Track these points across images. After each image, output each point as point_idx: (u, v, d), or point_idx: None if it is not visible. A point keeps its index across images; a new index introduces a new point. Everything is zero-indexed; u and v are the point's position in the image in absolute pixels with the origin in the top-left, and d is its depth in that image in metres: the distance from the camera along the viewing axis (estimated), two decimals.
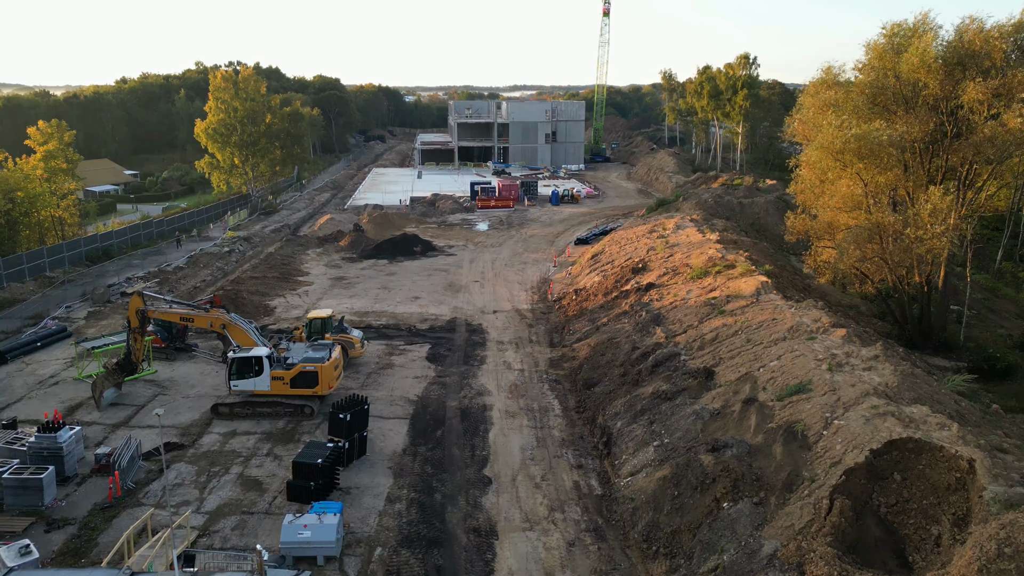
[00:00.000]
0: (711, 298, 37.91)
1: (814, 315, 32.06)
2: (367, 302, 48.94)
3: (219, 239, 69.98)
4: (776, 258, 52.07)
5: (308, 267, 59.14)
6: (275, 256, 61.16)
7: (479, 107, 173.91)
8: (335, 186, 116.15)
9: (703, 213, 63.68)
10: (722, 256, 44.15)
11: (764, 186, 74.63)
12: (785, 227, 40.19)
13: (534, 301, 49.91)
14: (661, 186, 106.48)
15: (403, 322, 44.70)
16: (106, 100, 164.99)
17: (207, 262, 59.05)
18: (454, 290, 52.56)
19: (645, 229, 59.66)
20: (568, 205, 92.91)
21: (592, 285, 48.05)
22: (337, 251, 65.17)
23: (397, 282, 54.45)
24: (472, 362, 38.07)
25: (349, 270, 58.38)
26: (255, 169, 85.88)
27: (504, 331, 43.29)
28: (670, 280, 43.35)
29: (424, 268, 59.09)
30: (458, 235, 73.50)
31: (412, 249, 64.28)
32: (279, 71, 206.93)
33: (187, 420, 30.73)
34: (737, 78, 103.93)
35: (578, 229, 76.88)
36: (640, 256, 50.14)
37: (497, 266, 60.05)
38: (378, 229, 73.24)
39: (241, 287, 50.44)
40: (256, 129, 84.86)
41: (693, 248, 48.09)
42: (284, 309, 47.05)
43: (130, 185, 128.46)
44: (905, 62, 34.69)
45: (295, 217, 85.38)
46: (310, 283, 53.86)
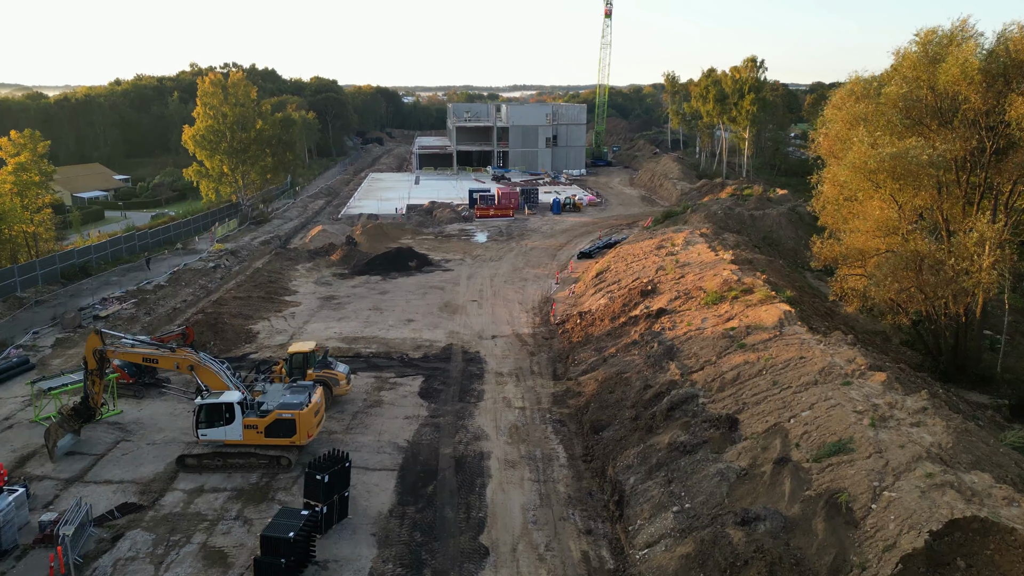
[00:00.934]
0: (729, 329, 34.78)
1: (847, 354, 28.92)
2: (357, 325, 45.80)
3: (205, 252, 66.82)
4: (793, 278, 48.94)
5: (296, 284, 55.98)
6: (262, 272, 58.00)
7: (478, 110, 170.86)
8: (330, 192, 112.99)
9: (713, 226, 60.55)
10: (738, 279, 41.02)
11: (775, 196, 71.50)
12: (811, 252, 36.98)
13: (535, 324, 46.78)
14: (665, 193, 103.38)
15: (395, 349, 41.55)
16: (98, 103, 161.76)
17: (190, 279, 55.88)
18: (450, 311, 49.42)
19: (652, 244, 56.54)
20: (570, 214, 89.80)
21: (598, 308, 44.90)
22: (328, 266, 62.00)
23: (390, 302, 51.31)
24: (469, 398, 34.93)
25: (340, 288, 55.22)
26: (245, 177, 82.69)
27: (503, 360, 40.15)
28: (682, 305, 40.20)
29: (419, 285, 55.95)
30: (456, 248, 70.35)
31: (407, 264, 61.14)
32: (275, 73, 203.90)
33: (150, 473, 27.57)
34: (744, 82, 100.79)
35: (581, 241, 73.77)
36: (649, 276, 47.01)
37: (496, 283, 56.92)
38: (372, 242, 70.09)
39: (223, 309, 47.27)
40: (246, 136, 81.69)
41: (706, 269, 44.95)
42: (268, 335, 43.87)
43: (120, 191, 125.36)
44: (943, 73, 31.58)
45: (287, 227, 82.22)
46: (297, 303, 50.70)
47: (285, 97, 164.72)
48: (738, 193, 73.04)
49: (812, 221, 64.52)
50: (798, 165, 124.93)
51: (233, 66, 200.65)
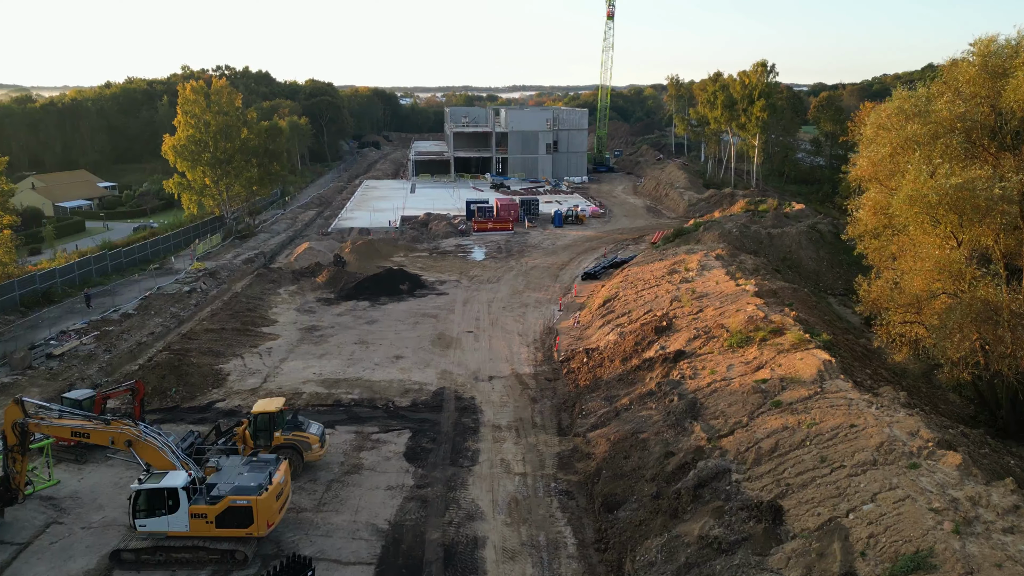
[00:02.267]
0: (760, 380, 30.32)
1: (908, 424, 24.44)
2: (339, 364, 41.31)
3: (183, 272, 62.34)
4: (823, 310, 44.48)
5: (277, 312, 51.48)
6: (241, 298, 53.51)
7: (476, 115, 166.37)
8: (322, 202, 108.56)
9: (728, 247, 56.11)
10: (764, 316, 36.59)
11: (792, 211, 67.07)
12: (856, 296, 32.44)
13: (537, 361, 42.31)
14: (672, 203, 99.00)
15: (380, 395, 37.07)
16: (85, 107, 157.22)
17: (161, 307, 51.39)
18: (443, 345, 44.95)
19: (664, 267, 52.09)
20: (572, 227, 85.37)
21: (607, 345, 40.43)
22: (313, 289, 57.52)
23: (378, 333, 46.84)
24: (462, 460, 30.48)
25: (324, 316, 50.74)
26: (229, 190, 78.22)
27: (502, 408, 35.68)
28: (703, 347, 35.74)
29: (410, 313, 51.49)
30: (451, 266, 65.87)
31: (398, 287, 56.68)
32: (269, 75, 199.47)
33: (79, 570, 23.10)
34: (753, 87, 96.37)
35: (584, 258, 69.37)
36: (663, 309, 42.55)
37: (494, 309, 52.47)
38: (362, 260, 65.62)
39: (192, 344, 42.80)
40: (230, 145, 77.22)
41: (727, 302, 40.50)
42: (239, 376, 39.36)
43: (104, 200, 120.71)
44: (1013, 91, 27.13)
45: (273, 242, 77.77)
46: (276, 336, 46.20)
47: (278, 101, 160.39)
48: (752, 208, 68.60)
49: (834, 240, 60.21)
50: (808, 172, 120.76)
51: (226, 69, 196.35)
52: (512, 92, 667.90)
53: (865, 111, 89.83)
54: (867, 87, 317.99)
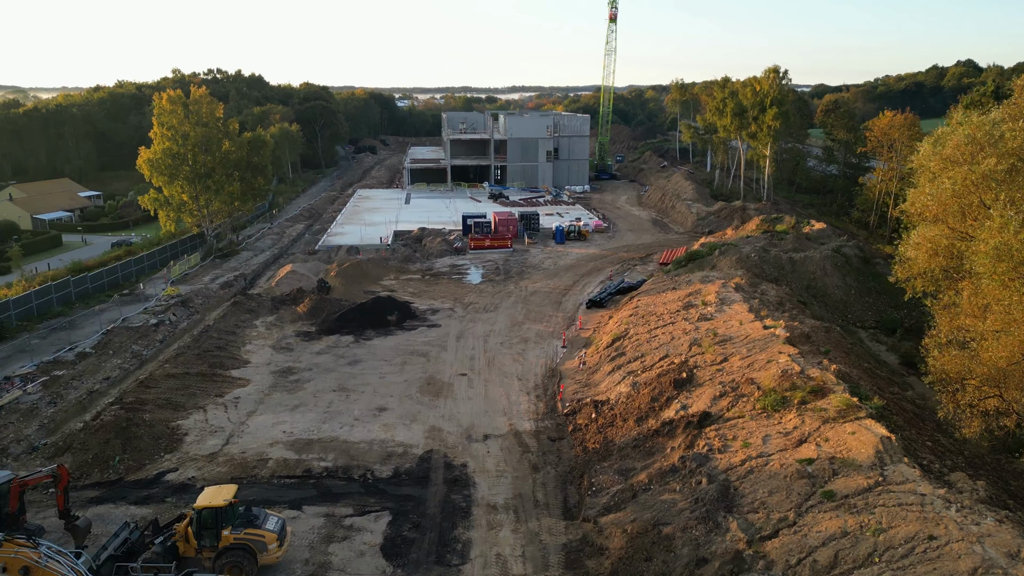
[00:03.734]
0: (805, 460, 25.44)
1: (1003, 541, 19.56)
2: (314, 419, 36.39)
3: (154, 299, 57.42)
4: (858, 354, 39.55)
5: (250, 350, 46.58)
6: (212, 332, 48.60)
7: (474, 120, 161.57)
8: (312, 214, 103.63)
9: (746, 274, 51.23)
10: (801, 370, 31.71)
11: (812, 232, 62.15)
12: (926, 367, 27.51)
13: (539, 413, 37.40)
14: (679, 216, 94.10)
15: (357, 461, 32.18)
16: (70, 112, 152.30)
17: (123, 343, 46.48)
18: (433, 392, 40.06)
19: (678, 300, 47.20)
20: (574, 243, 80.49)
21: (618, 398, 35.55)
22: (293, 320, 52.63)
23: (360, 377, 41.93)
24: (450, 555, 25.57)
25: (302, 355, 45.83)
26: (209, 205, 73.31)
27: (498, 480, 30.79)
28: (731, 408, 30.85)
29: (398, 350, 46.60)
30: (445, 291, 60.96)
31: (386, 319, 51.77)
32: (262, 79, 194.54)
33: None
34: (765, 94, 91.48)
35: (588, 280, 64.48)
36: (680, 354, 37.64)
37: (491, 346, 47.58)
38: (349, 285, 60.74)
39: (149, 395, 37.91)
40: (210, 159, 72.32)
41: (755, 349, 35.61)
42: (198, 437, 34.44)
43: (86, 211, 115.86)
44: None
45: (256, 261, 72.87)
46: (246, 381, 41.28)
47: (270, 107, 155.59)
48: (770, 229, 63.64)
49: (860, 264, 55.33)
50: (820, 182, 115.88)
51: (218, 72, 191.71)
52: (512, 93, 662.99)
53: (883, 120, 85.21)
54: (871, 89, 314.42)
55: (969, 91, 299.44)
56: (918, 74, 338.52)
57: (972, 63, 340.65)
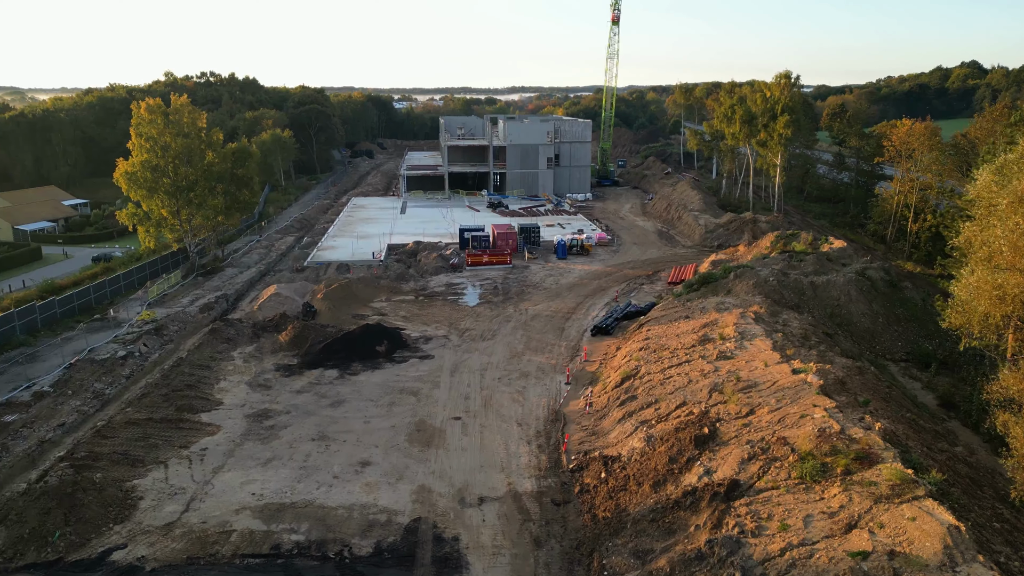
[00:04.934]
0: (858, 554, 21.44)
1: None
2: (288, 477, 32.38)
3: (127, 325, 53.47)
4: (897, 399, 35.49)
5: (224, 388, 42.54)
6: (184, 366, 44.56)
7: (473, 125, 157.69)
8: (303, 225, 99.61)
9: (765, 300, 47.29)
10: (841, 429, 27.74)
11: (832, 251, 58.08)
12: (1007, 459, 23.50)
13: (542, 469, 33.39)
14: (686, 228, 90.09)
15: (334, 532, 28.16)
16: (57, 118, 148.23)
17: (86, 380, 42.48)
18: (423, 440, 36.05)
19: (693, 332, 43.17)
20: (577, 258, 76.51)
21: (631, 455, 31.55)
22: (274, 350, 48.63)
23: (343, 423, 37.91)
24: None
25: (280, 394, 41.81)
26: (191, 221, 69.29)
27: (495, 559, 26.77)
28: (764, 475, 26.83)
29: (386, 388, 42.58)
30: (439, 315, 56.95)
31: (374, 349, 47.77)
32: (256, 82, 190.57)
33: None
34: (776, 101, 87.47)
35: (593, 302, 60.48)
36: (699, 400, 33.63)
37: (488, 381, 43.57)
38: (336, 308, 56.74)
39: (104, 446, 33.88)
40: (192, 171, 68.31)
41: (784, 398, 31.61)
42: (155, 501, 30.40)
43: (71, 220, 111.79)
44: None
45: (241, 279, 68.81)
46: (216, 428, 37.24)
47: (263, 111, 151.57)
48: (788, 249, 59.55)
49: (887, 289, 51.36)
50: (832, 190, 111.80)
51: (211, 76, 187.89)
52: (511, 94, 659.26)
53: (902, 128, 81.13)
54: (875, 90, 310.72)
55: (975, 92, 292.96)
56: (921, 75, 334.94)
57: (976, 64, 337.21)
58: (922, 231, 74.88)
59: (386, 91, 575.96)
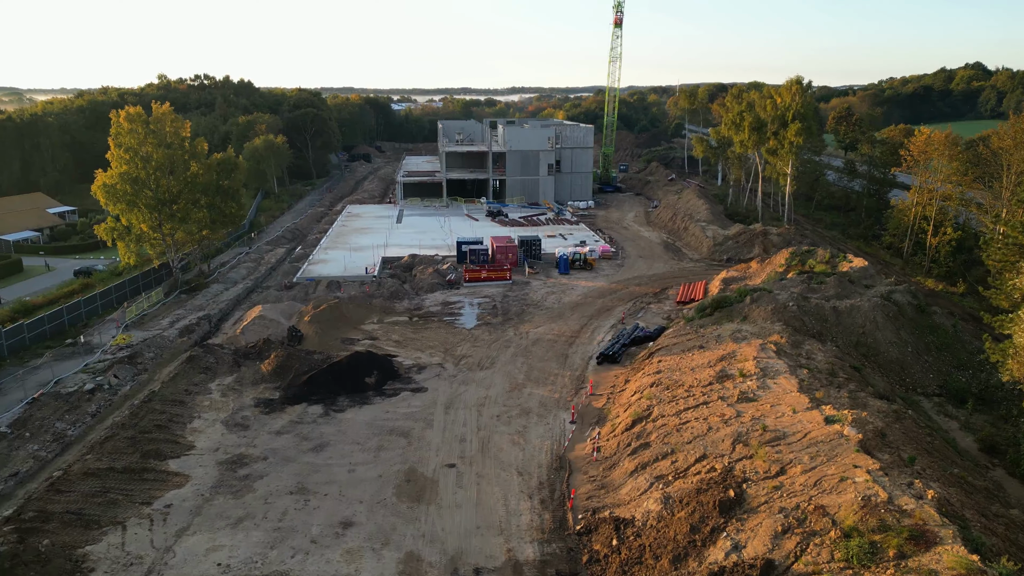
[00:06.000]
0: None
1: None
2: (261, 540, 28.82)
3: (100, 351, 49.96)
4: (942, 451, 31.92)
5: (198, 428, 38.97)
6: (156, 402, 41.00)
7: (472, 130, 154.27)
8: (295, 235, 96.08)
9: (786, 329, 43.75)
10: (888, 497, 24.21)
11: (853, 271, 54.48)
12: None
13: (545, 530, 29.83)
14: (693, 240, 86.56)
15: None
16: (46, 122, 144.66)
17: (46, 419, 38.92)
18: (414, 494, 32.50)
19: (708, 363, 39.63)
20: (580, 273, 72.97)
21: (646, 518, 27.99)
22: (255, 382, 45.08)
23: (325, 471, 34.35)
24: None
25: (259, 435, 38.25)
26: (173, 235, 65.73)
27: None
28: (802, 555, 23.26)
29: (374, 427, 39.03)
30: (434, 339, 53.40)
31: (363, 381, 44.24)
32: (251, 85, 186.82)
33: None
34: (787, 108, 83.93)
35: (598, 323, 56.94)
36: (721, 453, 30.07)
37: (486, 420, 40.01)
38: (324, 332, 53.19)
39: (58, 502, 30.36)
40: (175, 183, 64.79)
41: (819, 454, 28.05)
42: (108, 573, 26.84)
43: (56, 229, 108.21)
44: None
45: (226, 297, 65.23)
46: (184, 479, 33.68)
47: (256, 115, 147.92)
48: (807, 269, 55.92)
49: (915, 314, 47.78)
50: (842, 198, 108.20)
51: (205, 78, 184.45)
52: (511, 95, 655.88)
53: (920, 136, 77.59)
54: (879, 92, 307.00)
55: (980, 95, 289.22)
56: (924, 77, 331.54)
57: (981, 66, 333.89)
58: (942, 245, 71.41)
59: (386, 92, 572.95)
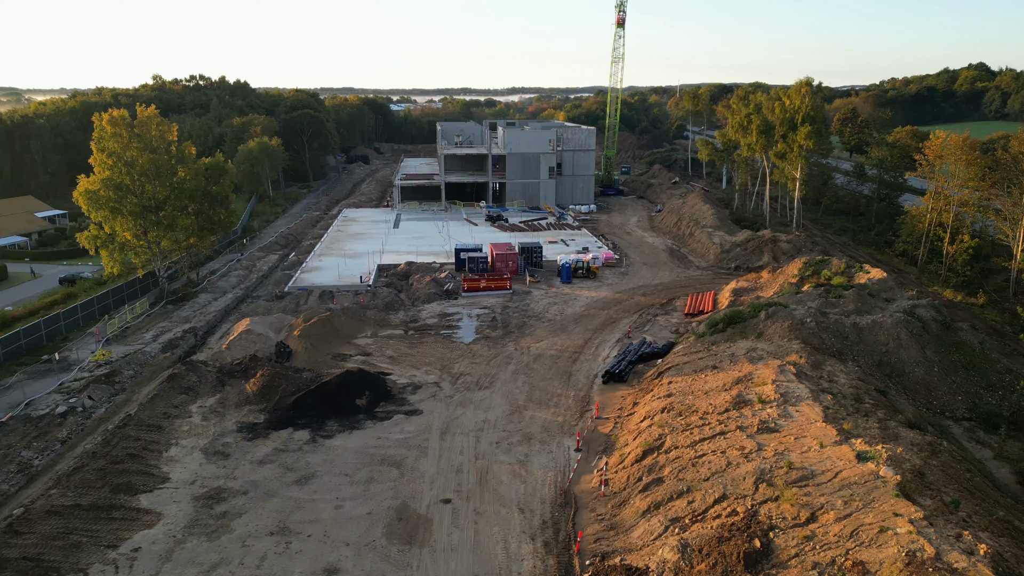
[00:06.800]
0: None
1: None
2: None
3: (77, 368, 47.30)
4: (981, 488, 29.19)
5: (174, 457, 36.23)
6: (131, 427, 38.26)
7: (471, 132, 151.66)
8: (289, 241, 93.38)
9: (804, 348, 41.04)
10: (935, 553, 21.51)
11: (871, 283, 51.74)
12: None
13: None
14: (699, 246, 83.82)
15: None
16: (37, 124, 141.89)
17: (13, 446, 36.21)
18: (405, 535, 29.77)
19: (723, 386, 36.92)
20: (583, 282, 70.25)
21: (662, 569, 25.21)
22: (239, 403, 42.34)
23: (309, 507, 31.62)
24: None
25: (239, 465, 35.51)
26: (158, 243, 63.01)
27: None
28: None
29: (365, 456, 36.30)
30: (431, 355, 50.69)
31: (353, 403, 41.52)
32: (247, 86, 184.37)
33: None
34: (796, 110, 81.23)
35: (603, 337, 54.24)
36: (743, 494, 27.34)
37: (484, 447, 37.29)
38: (315, 347, 50.50)
39: (14, 547, 27.62)
40: (160, 189, 62.09)
41: (853, 499, 25.31)
42: None
43: (44, 234, 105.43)
44: None
45: (214, 308, 62.52)
46: (156, 517, 30.93)
47: (251, 117, 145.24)
48: (823, 281, 53.15)
49: (940, 331, 45.02)
50: (851, 203, 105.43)
51: (200, 79, 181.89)
52: (511, 95, 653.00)
53: (936, 141, 74.89)
54: (881, 93, 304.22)
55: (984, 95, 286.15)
56: (927, 77, 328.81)
57: (984, 66, 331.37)
58: (959, 253, 68.71)
59: (385, 92, 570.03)
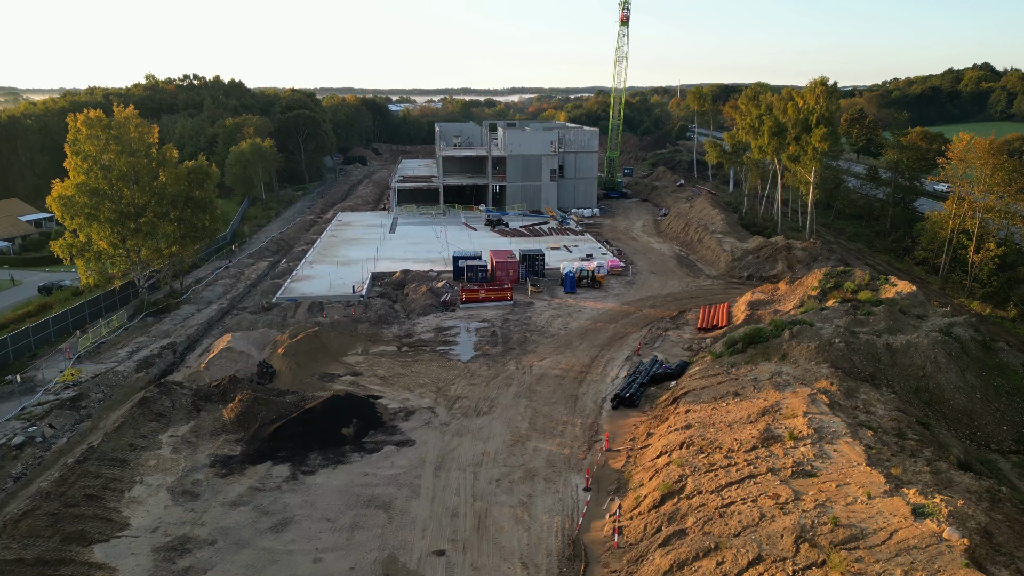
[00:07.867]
0: None
1: None
2: None
3: (43, 390, 43.65)
4: None
5: (136, 498, 32.52)
6: (92, 462, 34.56)
7: (470, 132, 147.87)
8: (280, 246, 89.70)
9: (835, 373, 37.37)
10: None
11: (902, 299, 48.03)
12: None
13: None
14: (708, 253, 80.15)
15: None
16: (25, 124, 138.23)
17: None
18: None
19: (748, 418, 33.23)
20: (587, 292, 66.61)
21: None
22: (214, 432, 38.66)
23: (284, 560, 27.90)
24: None
25: (209, 507, 31.83)
26: (138, 252, 59.36)
27: None
28: None
29: (349, 497, 32.61)
30: (425, 375, 47.02)
31: (340, 432, 37.84)
32: (242, 85, 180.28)
33: None
34: (810, 111, 77.57)
35: (611, 355, 50.58)
36: (783, 558, 23.61)
37: (483, 487, 33.59)
38: (299, 368, 46.82)
39: None
40: (140, 195, 58.44)
41: (915, 568, 21.63)
42: None
43: (29, 239, 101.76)
44: None
45: (196, 321, 58.85)
46: (108, 573, 27.21)
47: (244, 118, 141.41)
48: (849, 296, 49.47)
49: (980, 352, 41.28)
50: (865, 207, 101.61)
51: (194, 78, 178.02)
52: (511, 95, 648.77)
53: (960, 144, 71.19)
54: (885, 93, 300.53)
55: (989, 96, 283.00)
56: (931, 77, 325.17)
57: (989, 67, 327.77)
58: (985, 263, 65.06)
59: (384, 92, 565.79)
